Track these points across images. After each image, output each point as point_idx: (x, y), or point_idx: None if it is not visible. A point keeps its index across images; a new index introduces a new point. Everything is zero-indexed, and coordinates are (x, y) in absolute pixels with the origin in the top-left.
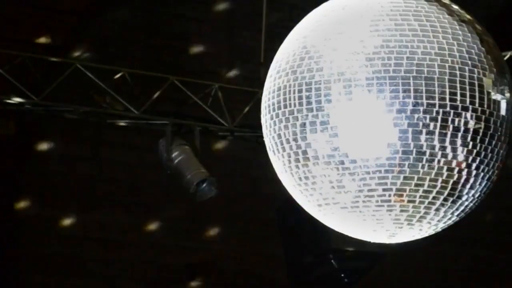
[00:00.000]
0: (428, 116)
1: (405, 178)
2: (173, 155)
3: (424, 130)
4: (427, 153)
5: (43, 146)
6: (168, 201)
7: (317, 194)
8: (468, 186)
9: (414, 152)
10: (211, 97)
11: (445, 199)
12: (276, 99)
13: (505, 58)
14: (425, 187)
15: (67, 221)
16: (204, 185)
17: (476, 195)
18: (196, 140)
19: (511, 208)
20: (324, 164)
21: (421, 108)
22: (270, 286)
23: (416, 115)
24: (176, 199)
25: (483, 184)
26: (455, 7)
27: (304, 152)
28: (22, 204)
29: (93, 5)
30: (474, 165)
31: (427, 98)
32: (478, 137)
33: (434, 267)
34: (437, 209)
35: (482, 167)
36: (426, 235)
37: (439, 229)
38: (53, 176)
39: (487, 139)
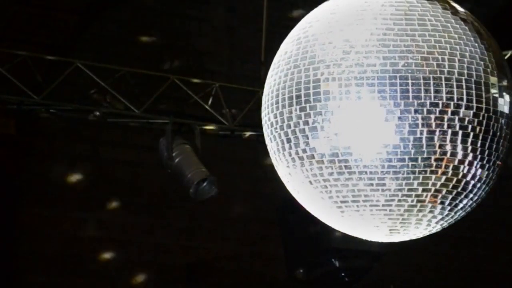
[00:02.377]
0: (476, 120)
1: (446, 179)
2: (174, 154)
3: (471, 133)
4: (470, 156)
5: (43, 145)
6: (168, 201)
7: (347, 191)
8: (486, 188)
9: (461, 154)
10: (212, 96)
11: (467, 202)
12: (313, 91)
13: (506, 57)
14: (459, 189)
15: (67, 221)
16: (205, 184)
17: (483, 195)
18: (196, 139)
19: (511, 207)
20: (369, 161)
21: (471, 112)
22: (270, 286)
23: (467, 118)
24: (176, 198)
25: (490, 184)
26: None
27: (347, 148)
28: (22, 204)
29: (93, 4)
30: (495, 168)
31: (476, 102)
32: (506, 141)
33: (434, 266)
34: (457, 211)
35: (493, 167)
36: (429, 233)
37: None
38: (53, 176)
39: (501, 140)
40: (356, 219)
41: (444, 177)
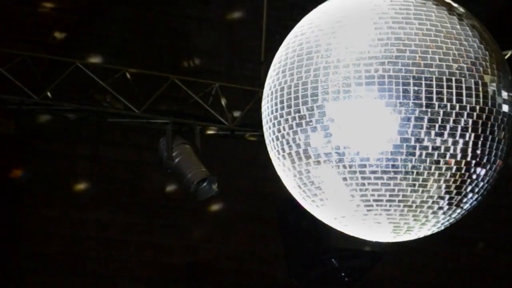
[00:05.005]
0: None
1: (476, 184)
2: (174, 154)
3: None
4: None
5: (43, 145)
6: (169, 201)
7: (385, 190)
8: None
9: (489, 159)
10: (212, 96)
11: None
12: (366, 87)
13: (506, 57)
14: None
15: (67, 221)
16: (205, 184)
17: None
18: (196, 139)
19: (511, 207)
20: (418, 162)
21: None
22: (271, 285)
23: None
24: (177, 198)
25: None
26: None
27: (397, 147)
28: (22, 204)
29: (93, 4)
30: (496, 167)
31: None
32: (507, 141)
33: (434, 266)
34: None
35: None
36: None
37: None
38: (53, 175)
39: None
40: (380, 219)
41: (476, 182)
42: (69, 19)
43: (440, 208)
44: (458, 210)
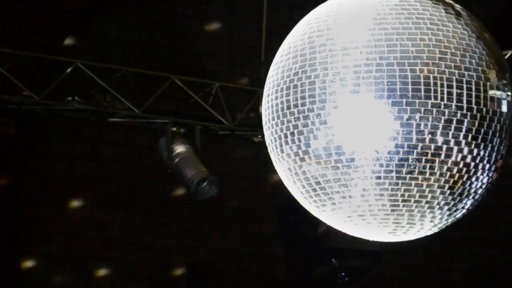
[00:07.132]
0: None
1: (486, 186)
2: (174, 154)
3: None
4: (496, 161)
5: (43, 145)
6: (168, 200)
7: (417, 191)
8: (489, 186)
9: (495, 160)
10: (212, 96)
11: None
12: (412, 87)
13: (506, 57)
14: (482, 193)
15: (67, 221)
16: (205, 184)
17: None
18: (196, 139)
19: (511, 207)
20: (452, 164)
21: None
22: (271, 285)
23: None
24: (176, 198)
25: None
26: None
27: (437, 149)
28: (21, 203)
29: (93, 3)
30: (496, 167)
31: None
32: (506, 140)
33: (434, 266)
34: (461, 211)
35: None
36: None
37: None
38: (53, 175)
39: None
40: (401, 219)
41: (488, 184)
42: (69, 19)
43: (456, 210)
44: (464, 211)
